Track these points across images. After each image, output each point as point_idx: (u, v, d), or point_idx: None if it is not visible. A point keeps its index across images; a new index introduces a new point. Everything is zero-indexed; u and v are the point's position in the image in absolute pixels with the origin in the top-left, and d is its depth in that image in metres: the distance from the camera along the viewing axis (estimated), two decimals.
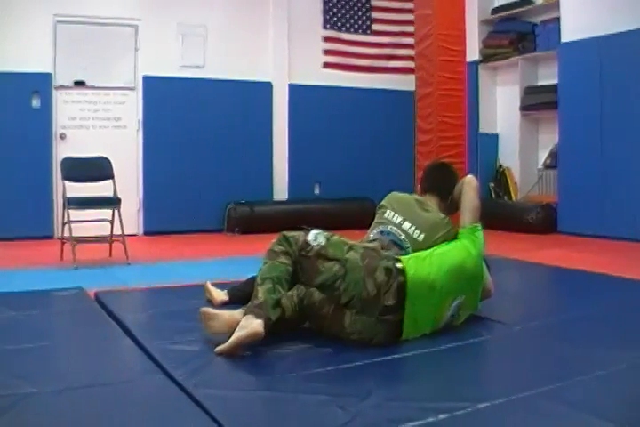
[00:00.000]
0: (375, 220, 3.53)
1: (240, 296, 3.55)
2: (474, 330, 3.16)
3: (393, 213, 3.43)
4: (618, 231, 7.57)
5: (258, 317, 2.76)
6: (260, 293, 2.85)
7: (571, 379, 2.45)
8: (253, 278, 3.24)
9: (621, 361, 2.67)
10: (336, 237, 3.05)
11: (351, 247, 2.99)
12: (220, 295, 3.69)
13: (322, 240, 2.98)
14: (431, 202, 3.52)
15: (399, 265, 2.97)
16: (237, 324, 2.76)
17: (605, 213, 7.78)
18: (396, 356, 2.78)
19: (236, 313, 2.88)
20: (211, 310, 2.93)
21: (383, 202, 3.57)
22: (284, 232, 3.07)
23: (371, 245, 3.25)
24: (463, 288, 3.13)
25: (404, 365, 2.76)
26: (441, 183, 3.60)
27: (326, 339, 2.95)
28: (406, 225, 3.35)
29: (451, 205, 3.52)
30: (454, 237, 3.31)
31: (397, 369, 2.71)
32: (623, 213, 7.58)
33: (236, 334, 2.71)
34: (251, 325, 2.72)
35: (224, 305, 3.60)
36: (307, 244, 2.96)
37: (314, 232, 3.02)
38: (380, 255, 3.04)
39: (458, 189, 3.47)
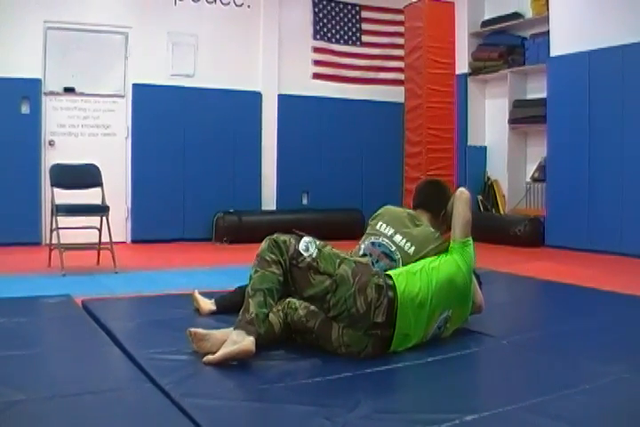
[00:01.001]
0: (367, 231, 3.52)
1: (228, 306, 3.55)
2: (462, 342, 3.17)
3: (385, 225, 3.42)
4: (604, 245, 7.61)
5: (249, 333, 2.71)
6: (252, 306, 2.78)
7: (557, 392, 2.46)
8: (241, 288, 3.25)
9: (607, 375, 2.68)
10: (328, 247, 2.99)
11: (342, 261, 2.93)
12: (208, 305, 3.67)
13: (313, 250, 2.91)
14: (423, 218, 3.50)
15: (390, 282, 2.95)
16: None
17: (592, 226, 7.82)
18: (384, 367, 2.77)
19: (229, 332, 2.80)
20: (201, 331, 2.85)
21: (376, 214, 3.56)
22: (275, 237, 2.97)
23: (363, 260, 3.23)
24: (451, 303, 3.13)
25: (393, 376, 2.76)
26: (431, 200, 3.56)
27: (315, 350, 2.94)
28: (397, 237, 3.35)
29: (443, 222, 3.47)
30: (445, 251, 3.28)
31: (386, 381, 2.70)
32: (610, 227, 7.62)
33: (227, 349, 2.69)
34: (242, 342, 2.68)
35: (211, 314, 3.61)
36: (298, 253, 2.89)
37: (306, 240, 2.94)
38: (372, 271, 3.00)
39: (451, 204, 3.42)
